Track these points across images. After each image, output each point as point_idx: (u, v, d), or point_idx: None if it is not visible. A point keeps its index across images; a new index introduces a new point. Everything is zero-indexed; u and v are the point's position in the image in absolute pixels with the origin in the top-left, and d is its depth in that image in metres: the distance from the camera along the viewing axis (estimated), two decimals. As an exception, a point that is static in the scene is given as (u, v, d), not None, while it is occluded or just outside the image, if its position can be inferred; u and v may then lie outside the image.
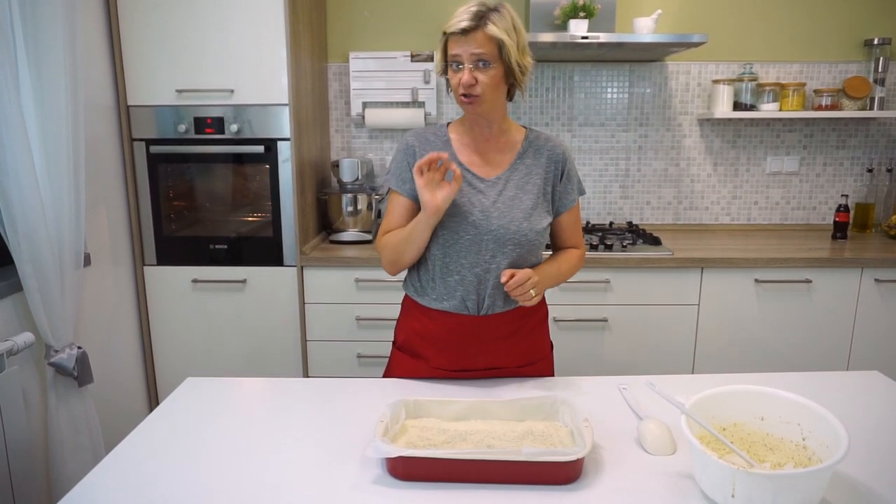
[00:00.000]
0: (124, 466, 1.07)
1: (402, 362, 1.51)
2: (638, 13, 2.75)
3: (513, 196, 1.41)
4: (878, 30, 2.84)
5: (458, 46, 1.32)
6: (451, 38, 1.33)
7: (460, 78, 1.33)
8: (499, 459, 0.99)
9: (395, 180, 1.46)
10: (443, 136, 1.46)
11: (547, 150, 1.46)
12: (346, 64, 2.87)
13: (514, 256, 1.40)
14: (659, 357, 2.47)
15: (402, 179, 1.44)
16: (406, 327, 1.52)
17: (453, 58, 1.33)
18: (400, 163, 1.45)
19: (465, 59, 1.32)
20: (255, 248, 2.46)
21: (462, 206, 1.39)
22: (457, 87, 1.35)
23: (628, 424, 1.21)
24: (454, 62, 1.34)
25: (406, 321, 1.53)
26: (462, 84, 1.33)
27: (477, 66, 1.32)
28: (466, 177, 1.42)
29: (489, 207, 1.40)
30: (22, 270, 1.72)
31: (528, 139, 1.47)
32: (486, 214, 1.39)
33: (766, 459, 1.02)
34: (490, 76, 1.33)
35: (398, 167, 1.46)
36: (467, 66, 1.32)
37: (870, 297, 2.42)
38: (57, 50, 1.77)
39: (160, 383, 2.56)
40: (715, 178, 2.97)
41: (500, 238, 1.39)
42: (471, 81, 1.32)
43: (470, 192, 1.41)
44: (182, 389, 1.37)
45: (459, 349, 1.44)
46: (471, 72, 1.32)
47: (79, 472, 1.89)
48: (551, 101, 2.91)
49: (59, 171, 1.81)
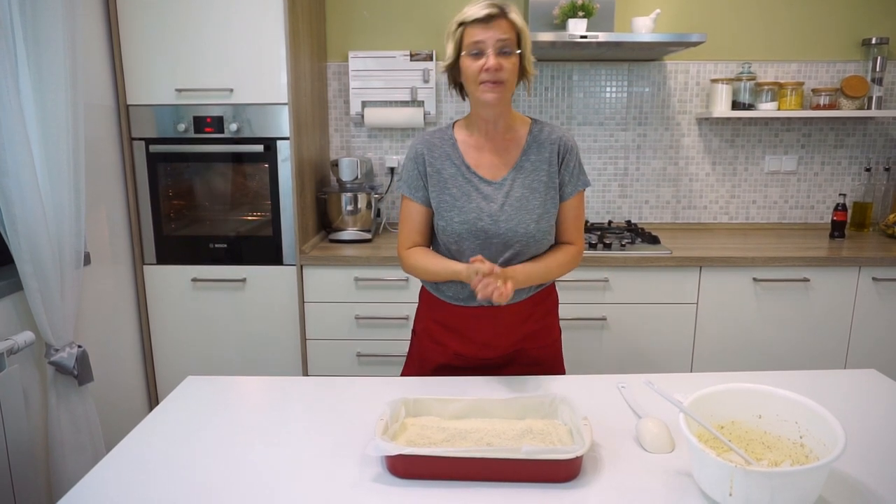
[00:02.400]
0: (124, 465, 1.08)
1: (423, 346, 1.56)
2: (636, 12, 2.76)
3: (520, 197, 1.42)
4: (875, 29, 2.84)
5: (481, 33, 1.33)
6: (471, 26, 1.34)
7: (482, 64, 1.33)
8: (498, 457, 1.00)
9: (406, 188, 1.49)
10: (449, 140, 1.47)
11: (549, 142, 1.46)
12: (346, 63, 2.87)
13: (523, 257, 1.45)
14: (657, 356, 2.47)
15: (415, 187, 1.47)
16: (426, 317, 1.56)
17: (475, 45, 1.34)
18: (411, 171, 1.48)
19: (490, 45, 1.33)
20: (254, 248, 2.47)
21: (471, 213, 1.41)
22: (477, 74, 1.35)
23: (627, 423, 1.21)
24: (475, 50, 1.34)
25: (427, 312, 1.57)
26: (489, 69, 1.33)
27: (502, 52, 1.34)
28: (473, 181, 1.44)
29: (497, 212, 1.42)
30: (22, 270, 1.72)
31: (531, 133, 1.47)
32: (494, 219, 1.42)
33: (763, 457, 1.02)
34: (512, 62, 1.36)
35: (409, 175, 1.48)
36: (492, 51, 1.33)
37: (867, 296, 2.42)
38: (57, 49, 1.77)
39: (160, 382, 2.56)
40: (713, 178, 2.98)
41: (509, 241, 1.42)
42: (498, 66, 1.33)
43: (478, 197, 1.42)
44: (182, 388, 1.38)
45: (478, 334, 1.48)
46: (497, 58, 1.33)
47: (79, 471, 1.90)
48: (550, 101, 2.91)
49: (58, 170, 1.81)
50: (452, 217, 1.42)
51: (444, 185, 1.44)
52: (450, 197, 1.43)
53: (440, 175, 1.44)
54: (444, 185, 1.44)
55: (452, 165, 1.44)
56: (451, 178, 1.44)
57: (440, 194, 1.44)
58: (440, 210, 1.45)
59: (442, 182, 1.44)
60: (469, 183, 1.43)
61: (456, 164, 1.44)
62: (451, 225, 1.42)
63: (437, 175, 1.45)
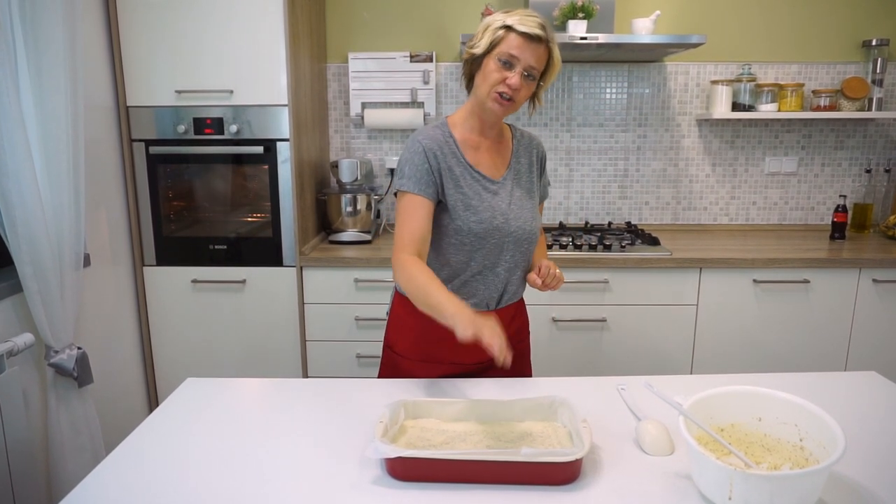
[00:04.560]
0: (124, 467, 1.08)
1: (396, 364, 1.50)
2: (636, 14, 2.76)
3: (520, 196, 1.47)
4: (876, 31, 2.84)
5: (520, 50, 1.33)
6: (515, 36, 1.33)
7: (506, 77, 1.34)
8: (497, 460, 1.00)
9: (412, 183, 1.38)
10: (449, 137, 1.44)
11: (531, 147, 1.54)
12: (346, 64, 2.87)
13: (525, 256, 1.48)
14: (657, 357, 2.47)
15: (426, 183, 1.38)
16: (397, 326, 1.50)
17: (510, 57, 1.33)
18: (419, 166, 1.38)
19: (522, 65, 1.34)
20: (254, 249, 2.47)
21: (484, 212, 1.41)
22: (497, 84, 1.35)
23: (627, 425, 1.21)
24: (507, 59, 1.34)
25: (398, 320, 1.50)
26: (510, 85, 1.34)
27: (528, 75, 1.36)
28: (480, 180, 1.44)
29: (506, 210, 1.44)
30: (22, 271, 1.72)
31: (515, 138, 1.53)
32: (506, 217, 1.43)
33: (763, 460, 1.02)
34: (529, 88, 1.38)
35: (418, 170, 1.38)
36: (520, 69, 1.34)
37: (868, 298, 2.42)
38: (57, 51, 1.77)
39: (160, 384, 2.56)
40: (713, 179, 2.97)
41: (518, 239, 1.45)
42: (518, 86, 1.35)
43: (486, 195, 1.43)
44: (182, 390, 1.37)
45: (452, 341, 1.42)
46: (520, 77, 1.35)
47: (79, 472, 1.89)
48: (550, 102, 2.91)
49: (58, 171, 1.81)
50: (469, 217, 1.40)
51: (457, 184, 1.41)
52: (463, 196, 1.41)
53: (452, 173, 1.40)
54: (457, 184, 1.41)
55: (459, 164, 1.42)
56: (460, 176, 1.41)
57: (455, 193, 1.40)
58: (456, 209, 1.40)
59: (454, 180, 1.40)
60: (478, 182, 1.43)
61: (462, 162, 1.43)
62: (467, 224, 1.40)
63: (449, 172, 1.40)
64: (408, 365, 1.49)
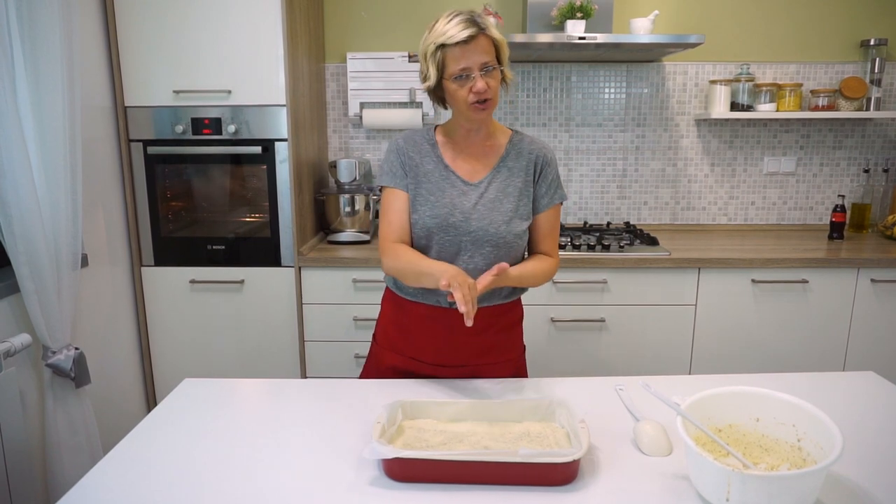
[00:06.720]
0: (122, 468, 1.07)
1: (377, 353, 1.57)
2: (635, 14, 2.76)
3: (494, 199, 1.44)
4: (874, 30, 2.84)
5: (464, 58, 1.32)
6: (452, 49, 1.32)
7: (471, 87, 1.34)
8: (495, 461, 1.00)
9: (388, 178, 1.47)
10: (430, 139, 1.49)
11: (528, 152, 1.49)
12: (344, 64, 2.87)
13: (491, 258, 1.43)
14: (656, 357, 2.47)
15: (398, 176, 1.46)
16: (383, 319, 1.57)
17: (461, 70, 1.33)
18: (392, 162, 1.48)
19: (475, 69, 1.33)
20: (252, 249, 2.46)
21: (443, 208, 1.42)
22: (466, 98, 1.35)
23: (625, 425, 1.21)
24: (460, 75, 1.34)
25: (384, 313, 1.57)
26: (477, 92, 1.34)
27: (487, 71, 1.35)
28: (451, 178, 1.45)
29: (469, 210, 1.43)
30: (19, 272, 1.72)
31: (511, 142, 1.49)
32: (465, 216, 1.42)
33: (761, 461, 1.02)
34: (496, 78, 1.38)
35: (391, 166, 1.48)
36: (477, 73, 1.34)
37: (866, 298, 2.42)
38: (54, 51, 1.77)
39: (158, 384, 2.55)
40: (712, 179, 2.97)
41: (478, 240, 1.42)
42: (485, 88, 1.34)
43: (452, 193, 1.44)
44: (180, 390, 1.37)
45: (433, 340, 1.47)
46: (482, 78, 1.34)
47: (76, 473, 1.89)
48: (548, 102, 2.91)
49: (55, 172, 1.81)
50: (424, 211, 1.43)
51: (420, 179, 1.45)
52: (425, 191, 1.44)
53: (419, 169, 1.46)
54: (421, 180, 1.45)
55: (431, 162, 1.46)
56: (429, 172, 1.45)
57: (417, 187, 1.45)
58: (415, 203, 1.45)
59: (420, 175, 1.45)
60: (446, 180, 1.45)
61: (435, 161, 1.46)
62: (422, 219, 1.43)
63: (415, 168, 1.46)
64: (377, 350, 1.57)
